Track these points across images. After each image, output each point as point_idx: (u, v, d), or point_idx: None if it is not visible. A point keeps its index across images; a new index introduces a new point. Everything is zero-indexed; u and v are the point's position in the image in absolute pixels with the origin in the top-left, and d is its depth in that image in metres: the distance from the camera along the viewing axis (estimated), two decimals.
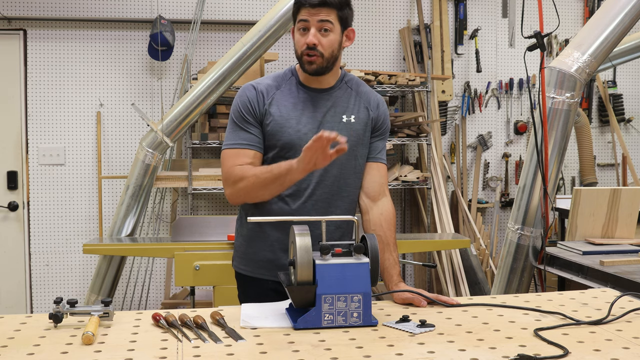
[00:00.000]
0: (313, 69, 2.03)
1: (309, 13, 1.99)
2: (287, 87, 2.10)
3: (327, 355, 1.42)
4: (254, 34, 3.95)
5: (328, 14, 1.99)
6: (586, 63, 3.03)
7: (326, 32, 2.01)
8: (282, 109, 2.06)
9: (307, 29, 2.01)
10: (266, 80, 2.12)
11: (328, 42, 2.01)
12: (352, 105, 2.13)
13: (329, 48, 2.02)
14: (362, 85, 2.20)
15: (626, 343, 1.51)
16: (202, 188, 4.48)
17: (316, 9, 1.98)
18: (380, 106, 2.18)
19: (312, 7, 1.98)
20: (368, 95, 2.17)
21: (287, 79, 2.12)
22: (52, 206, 4.76)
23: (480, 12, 5.25)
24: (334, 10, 2.00)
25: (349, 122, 2.10)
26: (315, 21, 1.99)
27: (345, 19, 2.04)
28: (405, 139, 4.69)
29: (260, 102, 2.06)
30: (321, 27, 2.00)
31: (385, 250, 2.04)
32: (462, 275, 4.69)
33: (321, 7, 1.98)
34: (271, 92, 2.08)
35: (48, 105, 4.73)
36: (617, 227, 3.17)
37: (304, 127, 2.05)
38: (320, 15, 1.99)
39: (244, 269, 2.19)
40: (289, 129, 2.04)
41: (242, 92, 2.10)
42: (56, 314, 1.61)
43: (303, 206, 2.07)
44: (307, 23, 2.00)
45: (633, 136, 5.54)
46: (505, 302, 1.87)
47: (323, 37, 2.01)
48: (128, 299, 4.75)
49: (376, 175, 2.15)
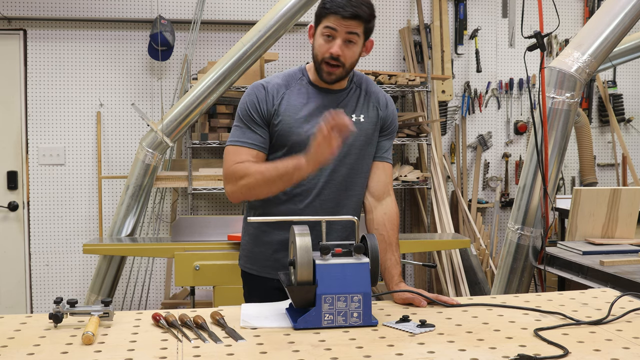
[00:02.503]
0: (332, 79, 2.02)
1: (339, 23, 1.95)
2: (296, 87, 2.08)
3: (327, 355, 1.42)
4: (254, 34, 3.95)
5: (357, 26, 1.96)
6: (586, 63, 3.03)
7: (351, 44, 1.98)
8: (292, 109, 2.05)
9: (332, 37, 1.98)
10: (276, 79, 2.10)
11: (351, 54, 2.00)
12: (362, 105, 2.12)
13: (350, 59, 2.00)
14: (371, 84, 2.18)
15: (626, 343, 1.51)
16: (202, 188, 4.48)
17: (347, 21, 1.95)
18: (389, 106, 2.18)
19: (344, 18, 1.95)
20: (377, 94, 2.17)
21: (298, 79, 2.10)
22: (52, 206, 4.76)
23: (480, 12, 5.25)
24: (363, 23, 1.97)
25: (359, 121, 2.09)
26: (344, 32, 1.96)
27: (370, 31, 2.02)
28: (405, 139, 4.69)
29: (269, 103, 2.05)
30: (348, 38, 1.97)
31: (387, 250, 2.04)
32: (462, 275, 4.69)
33: (352, 20, 1.95)
34: (281, 92, 2.06)
35: (48, 105, 4.73)
36: (617, 227, 3.17)
37: (313, 127, 2.02)
38: (349, 27, 1.95)
39: (250, 268, 2.19)
40: (298, 129, 2.03)
41: (252, 90, 2.08)
42: (56, 314, 1.61)
43: (311, 205, 2.06)
44: (335, 32, 1.97)
45: (633, 136, 5.54)
46: (505, 302, 1.87)
47: (347, 48, 1.98)
48: (128, 299, 4.75)
49: (382, 174, 2.15)
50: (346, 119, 1.77)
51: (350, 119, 2.07)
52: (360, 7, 1.95)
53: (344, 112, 1.79)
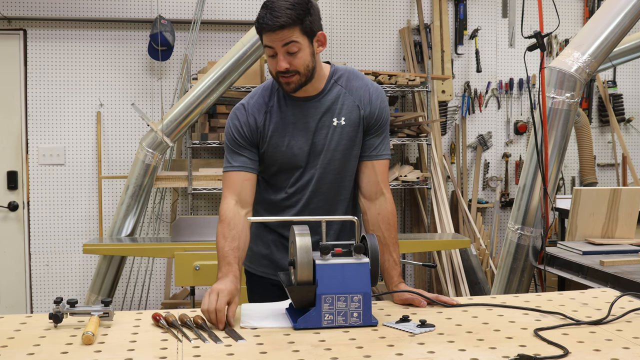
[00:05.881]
0: (292, 89, 1.97)
1: (271, 38, 1.89)
2: (276, 101, 2.05)
3: (327, 355, 1.42)
4: (254, 34, 3.94)
5: (291, 33, 1.87)
6: (586, 63, 3.03)
7: (294, 52, 1.91)
8: (274, 126, 2.03)
9: (274, 53, 1.92)
10: (256, 97, 2.07)
11: (300, 61, 1.92)
12: (343, 106, 2.05)
13: (302, 65, 1.93)
14: (354, 79, 2.08)
15: (626, 343, 1.51)
16: (202, 188, 4.48)
17: (277, 33, 1.87)
18: (373, 101, 2.06)
19: (274, 31, 1.87)
20: (359, 91, 2.07)
21: (275, 90, 2.06)
22: (52, 206, 4.76)
23: (480, 12, 5.25)
24: (296, 27, 1.88)
25: (340, 124, 2.04)
26: (280, 46, 1.89)
27: (310, 29, 1.91)
28: (405, 139, 4.69)
29: (252, 123, 2.03)
30: (287, 50, 1.89)
31: (384, 251, 2.01)
32: (462, 275, 4.68)
33: (281, 30, 1.86)
34: (262, 110, 2.04)
35: (48, 105, 4.73)
36: (617, 227, 3.17)
37: (298, 141, 2.03)
38: (283, 39, 1.88)
39: (250, 267, 2.22)
40: (282, 147, 2.02)
41: (233, 114, 2.07)
42: (56, 314, 1.61)
43: (301, 215, 2.07)
44: (272, 49, 1.91)
45: (633, 136, 5.54)
46: (505, 302, 1.87)
47: (293, 57, 1.91)
48: (128, 299, 4.75)
49: (371, 174, 2.08)
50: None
51: (331, 124, 2.04)
52: (283, 14, 1.86)
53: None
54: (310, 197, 2.07)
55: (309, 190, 2.07)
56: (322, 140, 2.04)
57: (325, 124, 2.04)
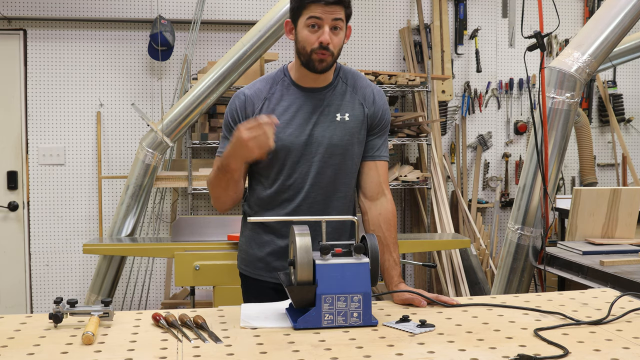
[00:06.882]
0: (323, 67, 1.98)
1: (324, 11, 1.92)
2: (279, 89, 2.06)
3: (327, 355, 1.42)
4: (254, 34, 3.95)
5: (340, 11, 1.94)
6: (586, 63, 3.03)
7: (337, 30, 1.96)
8: (274, 113, 2.03)
9: (318, 26, 1.94)
10: (258, 84, 2.09)
11: (338, 41, 1.97)
12: (347, 102, 2.08)
13: (337, 46, 1.98)
14: (359, 78, 2.12)
15: (626, 343, 1.51)
16: (202, 188, 4.48)
17: (331, 7, 1.92)
18: (377, 101, 2.10)
19: (327, 4, 1.91)
20: (364, 90, 2.11)
21: (280, 80, 2.08)
22: (52, 206, 4.76)
23: (480, 12, 5.25)
24: (344, 8, 1.95)
25: (343, 120, 2.05)
26: (330, 19, 1.93)
27: (349, 16, 1.99)
28: (405, 139, 4.69)
29: (249, 110, 2.04)
30: (334, 25, 1.94)
31: (384, 251, 2.02)
32: (462, 275, 4.69)
33: (335, 5, 1.92)
34: (262, 97, 2.05)
35: (48, 105, 4.73)
36: (617, 227, 3.17)
37: (296, 129, 2.03)
38: (334, 14, 1.92)
39: (245, 269, 2.20)
40: (279, 134, 1.99)
41: (232, 100, 2.09)
42: (56, 314, 1.61)
43: (299, 209, 2.06)
44: (321, 21, 1.93)
45: (633, 136, 5.54)
46: (505, 302, 1.87)
47: (334, 35, 1.95)
48: (128, 299, 4.75)
49: (374, 174, 2.11)
50: (267, 129, 1.77)
51: (335, 118, 2.06)
52: None
53: (270, 120, 1.78)
54: (308, 191, 2.06)
55: (308, 184, 2.06)
56: (322, 133, 2.04)
57: (328, 118, 2.05)
